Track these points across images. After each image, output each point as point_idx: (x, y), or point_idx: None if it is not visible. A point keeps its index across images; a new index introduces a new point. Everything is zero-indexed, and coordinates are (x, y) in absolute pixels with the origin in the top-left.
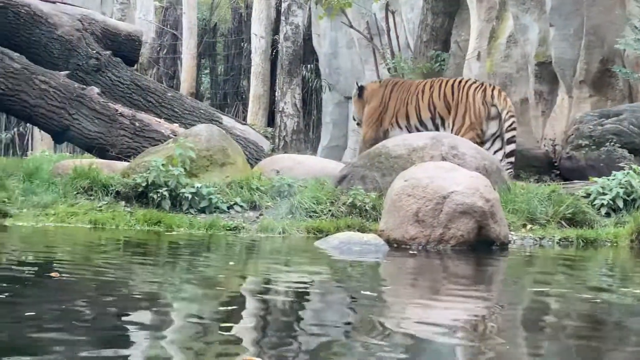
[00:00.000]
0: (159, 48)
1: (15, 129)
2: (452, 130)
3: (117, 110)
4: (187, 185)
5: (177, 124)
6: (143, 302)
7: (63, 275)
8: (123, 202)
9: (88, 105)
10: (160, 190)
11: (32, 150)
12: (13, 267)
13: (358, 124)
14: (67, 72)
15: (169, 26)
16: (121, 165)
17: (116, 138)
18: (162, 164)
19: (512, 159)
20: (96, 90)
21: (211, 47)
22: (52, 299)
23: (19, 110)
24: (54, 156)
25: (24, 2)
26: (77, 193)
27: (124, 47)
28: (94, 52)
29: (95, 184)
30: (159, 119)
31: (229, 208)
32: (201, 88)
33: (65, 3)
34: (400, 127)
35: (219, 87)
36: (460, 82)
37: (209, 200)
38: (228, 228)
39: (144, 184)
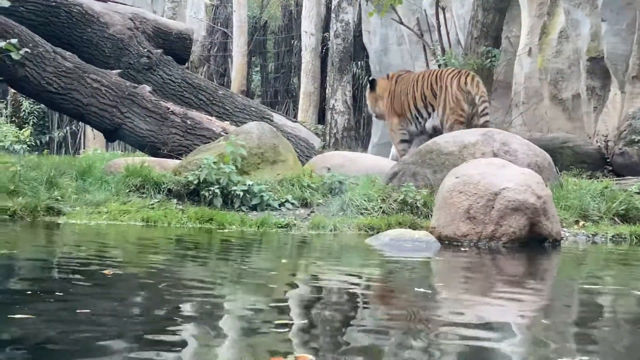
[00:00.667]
0: (209, 46)
1: (68, 128)
2: (438, 115)
3: (168, 109)
4: (238, 182)
5: (228, 122)
6: (195, 300)
7: (116, 272)
8: (175, 200)
9: (140, 104)
10: (212, 188)
11: (84, 148)
12: (67, 264)
13: (376, 116)
14: (118, 70)
15: (219, 24)
16: (173, 163)
17: (167, 136)
18: (214, 162)
19: None
20: (148, 88)
21: (261, 44)
22: (106, 296)
23: (72, 108)
24: (106, 154)
25: (76, 2)
26: (129, 191)
27: (175, 46)
28: (145, 50)
29: (147, 182)
30: (210, 117)
31: (280, 205)
32: (252, 86)
33: (116, 2)
34: (407, 117)
35: (270, 84)
36: (442, 72)
37: (261, 197)
38: (279, 225)
39: (195, 182)
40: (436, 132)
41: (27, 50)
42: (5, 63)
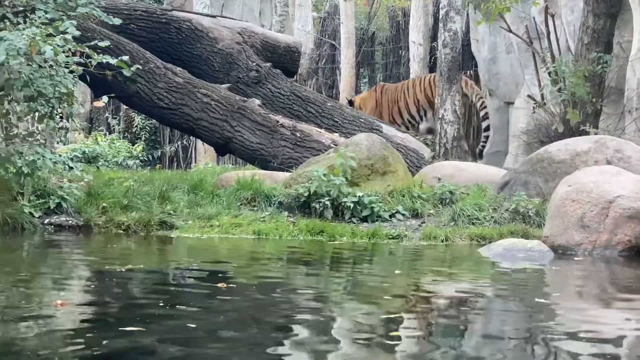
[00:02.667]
0: (317, 58)
1: (179, 142)
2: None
3: (278, 122)
4: (348, 194)
5: (337, 134)
6: (308, 313)
7: (230, 285)
8: (286, 213)
9: (249, 117)
10: (322, 200)
11: (195, 162)
12: (180, 278)
13: None
14: (228, 84)
15: (327, 36)
16: (283, 175)
17: (277, 149)
18: (324, 174)
19: (488, 133)
20: (257, 102)
21: (369, 55)
22: (217, 310)
23: (183, 123)
24: (217, 168)
25: (185, 17)
26: (241, 204)
27: (284, 59)
28: (254, 64)
29: (258, 194)
30: (319, 129)
31: (390, 216)
32: None
33: (225, 17)
34: (397, 123)
35: None
36: (434, 77)
37: (371, 209)
38: (390, 237)
39: (306, 194)
40: (430, 133)
41: (139, 66)
42: (117, 80)
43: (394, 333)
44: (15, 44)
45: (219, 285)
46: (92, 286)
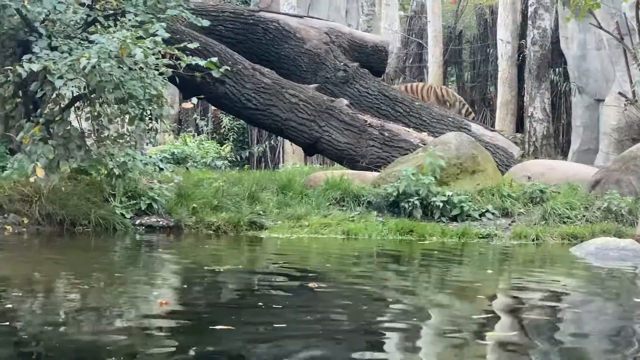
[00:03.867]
0: (404, 57)
1: (267, 143)
2: None
3: (366, 121)
4: (438, 193)
5: (425, 133)
6: (397, 312)
7: (321, 285)
8: (375, 212)
9: (337, 117)
10: (412, 200)
11: (283, 162)
12: (270, 278)
13: None
14: (316, 85)
15: (414, 35)
16: (371, 175)
17: (365, 148)
18: (413, 173)
19: None
20: (345, 102)
21: (457, 54)
22: (307, 309)
23: (271, 124)
24: (305, 168)
25: (273, 18)
26: (330, 204)
27: (371, 58)
28: (342, 64)
29: (346, 194)
30: (407, 129)
31: (480, 216)
32: None
33: (312, 17)
34: None
35: (466, 94)
36: (417, 86)
37: (460, 208)
38: (480, 236)
39: (395, 194)
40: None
41: (227, 67)
42: (206, 81)
43: (490, 333)
44: (106, 47)
45: (310, 285)
46: (187, 286)
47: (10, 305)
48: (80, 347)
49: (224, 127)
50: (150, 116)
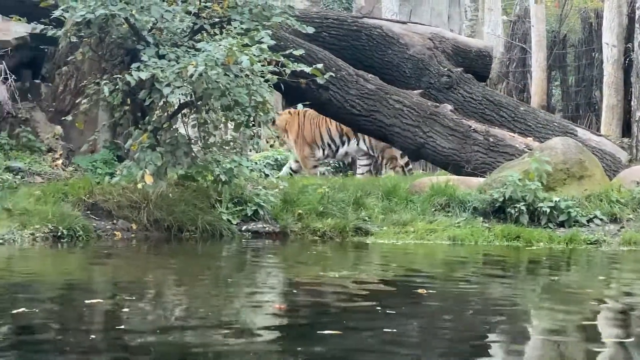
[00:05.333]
0: (507, 62)
1: None
2: (365, 142)
3: (470, 127)
4: (544, 199)
5: (530, 138)
6: (504, 319)
7: (430, 291)
8: (481, 218)
9: (442, 123)
10: (518, 205)
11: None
12: (380, 283)
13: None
14: (420, 90)
15: (517, 39)
16: (476, 181)
17: (470, 154)
18: (519, 179)
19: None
20: (449, 107)
21: (561, 58)
22: (416, 315)
23: (375, 129)
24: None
25: (376, 24)
26: (435, 210)
27: (475, 64)
28: (445, 69)
29: (452, 200)
30: (512, 134)
31: (588, 221)
32: (552, 100)
33: (415, 23)
34: (318, 146)
35: (571, 98)
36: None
37: (568, 214)
38: (588, 242)
39: (500, 199)
40: (347, 156)
41: (332, 74)
42: (310, 87)
43: (606, 339)
44: (213, 54)
45: (419, 291)
46: (296, 291)
47: (126, 310)
48: (190, 352)
49: None
50: (252, 122)
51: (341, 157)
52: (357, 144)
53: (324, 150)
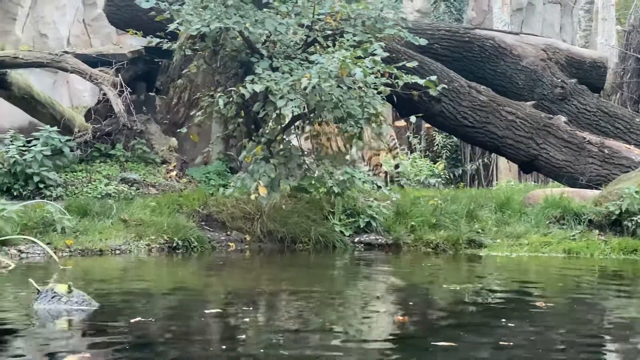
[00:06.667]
0: (622, 73)
1: (480, 160)
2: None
3: (584, 138)
4: None
5: None
6: (627, 332)
7: (549, 304)
8: (596, 231)
9: (555, 134)
10: (635, 218)
11: (496, 180)
12: (497, 296)
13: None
14: (532, 102)
15: (632, 50)
16: (591, 193)
17: (584, 166)
18: (636, 191)
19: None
20: (563, 119)
21: None
22: (535, 329)
23: (487, 141)
24: (519, 185)
25: (488, 35)
26: (549, 222)
27: (589, 75)
28: (559, 80)
29: (566, 212)
30: (628, 145)
31: None
32: None
33: (527, 34)
34: None
35: None
36: None
37: None
38: None
39: (617, 212)
40: None
41: (444, 86)
42: (422, 99)
43: None
44: (326, 67)
45: (538, 304)
46: (413, 303)
47: (247, 320)
48: None
49: (437, 144)
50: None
51: None
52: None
53: None
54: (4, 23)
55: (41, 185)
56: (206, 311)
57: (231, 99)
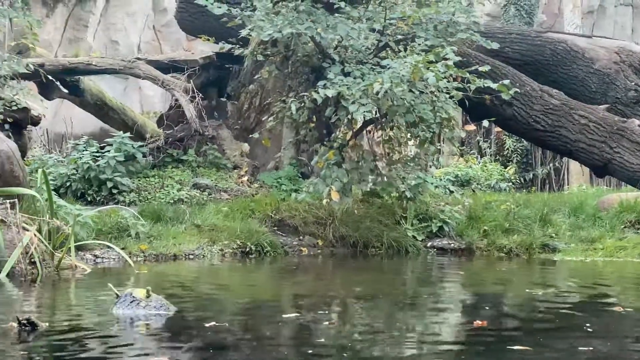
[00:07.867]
0: None
1: (551, 164)
2: None
3: None
4: None
5: None
6: None
7: (627, 309)
8: None
9: (629, 138)
10: None
11: (568, 184)
12: (575, 301)
13: None
14: (606, 105)
15: None
16: None
17: None
18: None
19: None
20: (637, 122)
21: None
22: (612, 334)
23: (559, 145)
24: (592, 190)
25: (560, 39)
26: (624, 227)
27: None
28: (633, 83)
29: None
30: None
31: None
32: None
33: (600, 37)
34: None
35: None
36: None
37: None
38: None
39: None
40: None
41: (517, 90)
42: (494, 103)
43: None
44: (398, 71)
45: (616, 309)
46: (488, 306)
47: (324, 324)
48: None
49: (507, 148)
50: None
51: None
52: None
53: None
54: (75, 30)
55: (114, 191)
56: (284, 316)
57: (303, 104)
